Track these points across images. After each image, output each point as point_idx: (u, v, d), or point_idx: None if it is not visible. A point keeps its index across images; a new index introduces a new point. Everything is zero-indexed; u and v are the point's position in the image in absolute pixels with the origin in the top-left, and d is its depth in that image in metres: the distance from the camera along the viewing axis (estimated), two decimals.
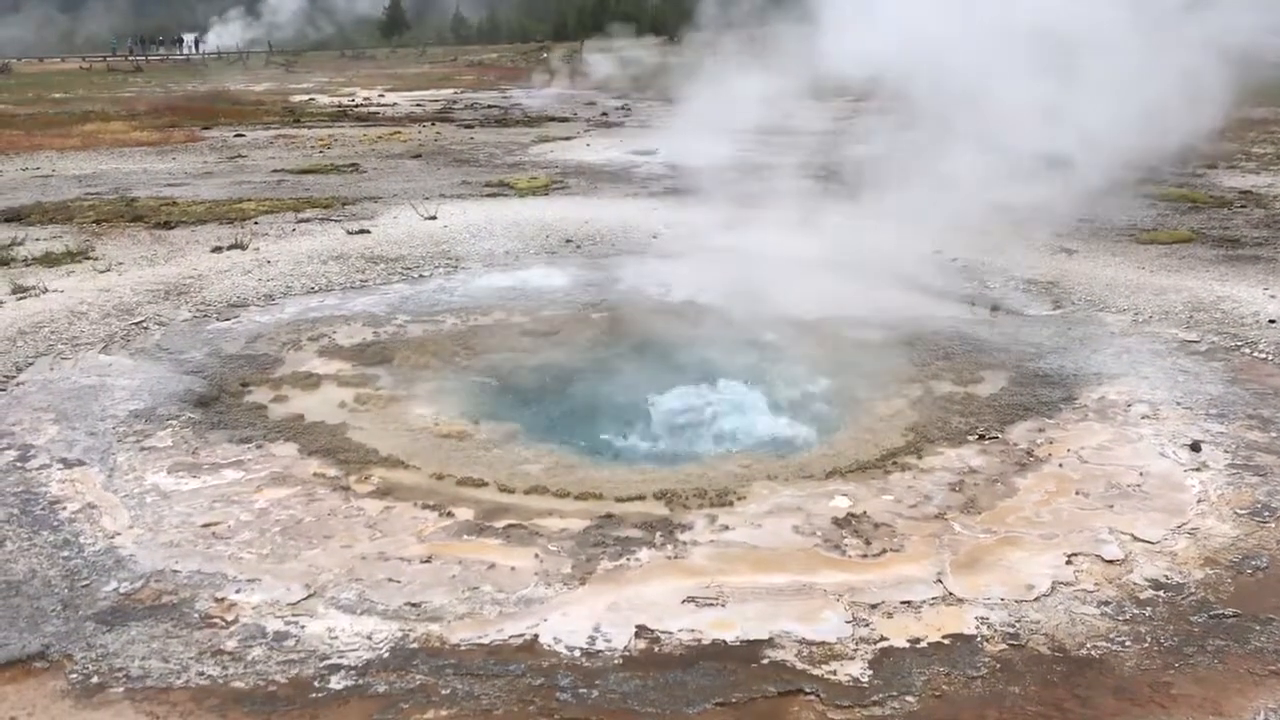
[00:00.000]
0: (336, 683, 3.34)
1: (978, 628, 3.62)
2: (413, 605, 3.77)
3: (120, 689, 3.31)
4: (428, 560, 4.10)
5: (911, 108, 8.91)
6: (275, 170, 15.30)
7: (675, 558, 4.12)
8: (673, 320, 7.42)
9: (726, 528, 4.36)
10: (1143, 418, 5.52)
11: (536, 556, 4.12)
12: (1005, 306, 7.74)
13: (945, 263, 8.78)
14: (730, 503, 4.60)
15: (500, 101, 29.44)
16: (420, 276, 8.76)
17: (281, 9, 79.56)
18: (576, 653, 3.49)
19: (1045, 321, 7.38)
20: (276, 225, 10.91)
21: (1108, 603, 3.78)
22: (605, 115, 24.59)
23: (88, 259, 9.24)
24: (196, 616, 3.71)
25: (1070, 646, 3.52)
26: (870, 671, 3.38)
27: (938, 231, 8.45)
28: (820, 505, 4.57)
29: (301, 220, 11.19)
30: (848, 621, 3.65)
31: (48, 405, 5.70)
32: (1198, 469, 4.90)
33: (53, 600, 3.80)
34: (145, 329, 7.19)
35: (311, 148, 18.23)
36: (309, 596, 3.83)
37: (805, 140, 14.63)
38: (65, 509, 4.52)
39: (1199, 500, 4.59)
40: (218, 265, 9.06)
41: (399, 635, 3.59)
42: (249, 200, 12.44)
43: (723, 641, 3.54)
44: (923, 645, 3.53)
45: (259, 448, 5.24)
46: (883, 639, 3.56)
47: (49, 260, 9.12)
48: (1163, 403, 5.71)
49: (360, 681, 3.35)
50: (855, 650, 3.49)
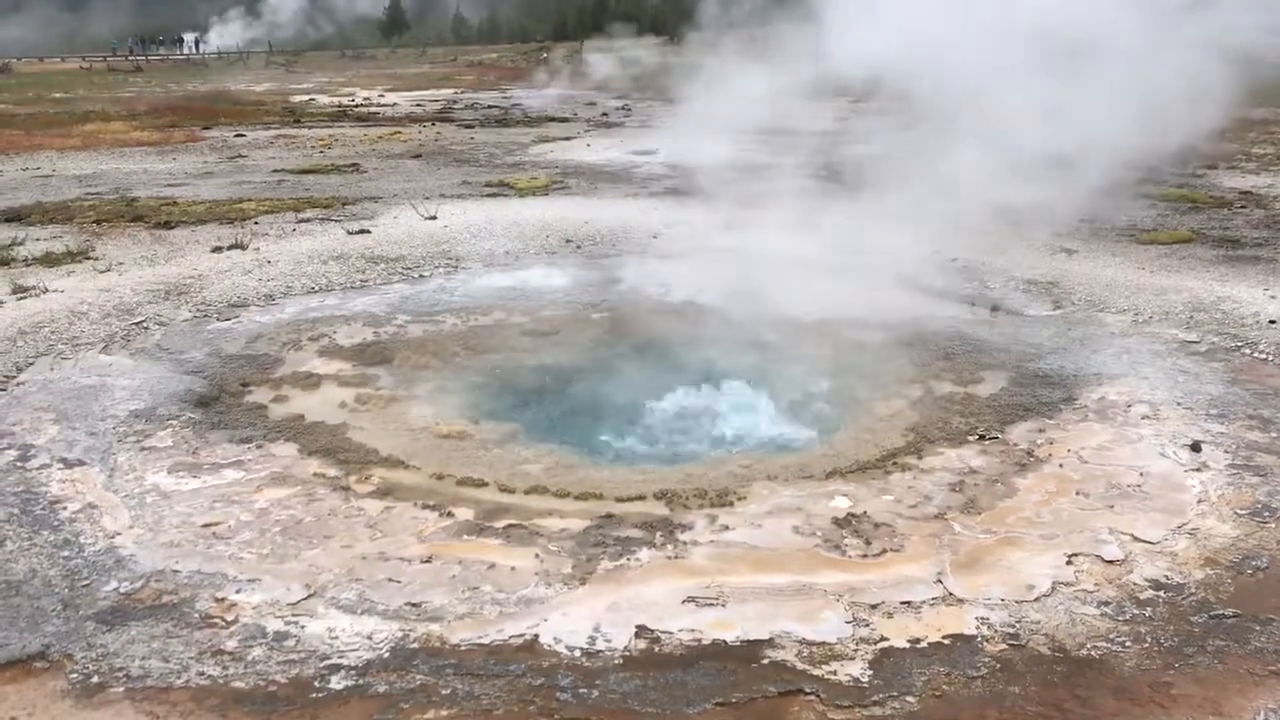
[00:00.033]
0: (337, 683, 3.34)
1: (978, 628, 3.62)
2: (413, 605, 3.77)
3: (120, 689, 3.31)
4: (428, 560, 4.10)
5: (911, 107, 8.91)
6: (275, 170, 15.30)
7: (675, 558, 4.12)
8: (673, 320, 7.41)
9: (727, 528, 4.37)
10: (1143, 418, 5.52)
11: (537, 556, 4.12)
12: (1005, 307, 7.74)
13: (945, 263, 8.78)
14: (730, 503, 4.60)
15: (500, 101, 29.45)
16: (420, 276, 8.76)
17: (282, 9, 79.64)
18: (577, 653, 3.49)
19: (1045, 322, 7.38)
20: (277, 225, 10.91)
21: (1108, 603, 3.78)
22: (605, 115, 24.59)
23: (88, 259, 9.24)
24: (197, 616, 3.71)
25: (1070, 647, 3.52)
26: (870, 671, 3.38)
27: (937, 231, 8.44)
28: (820, 505, 4.57)
29: (302, 220, 11.19)
30: (848, 622, 3.66)
31: (48, 405, 5.70)
32: (1198, 469, 4.90)
33: (53, 600, 3.81)
34: (145, 329, 7.19)
35: (312, 148, 18.24)
36: (309, 596, 3.83)
37: (805, 140, 14.61)
38: (65, 509, 4.52)
39: (1199, 500, 4.59)
40: (218, 265, 9.06)
41: (399, 635, 3.59)
42: (249, 200, 12.44)
43: (723, 641, 3.54)
44: (923, 645, 3.53)
45: (259, 448, 5.24)
46: (883, 639, 3.56)
47: (49, 260, 9.12)
48: (1163, 403, 5.71)
49: (360, 681, 3.35)
50: (855, 650, 3.49)
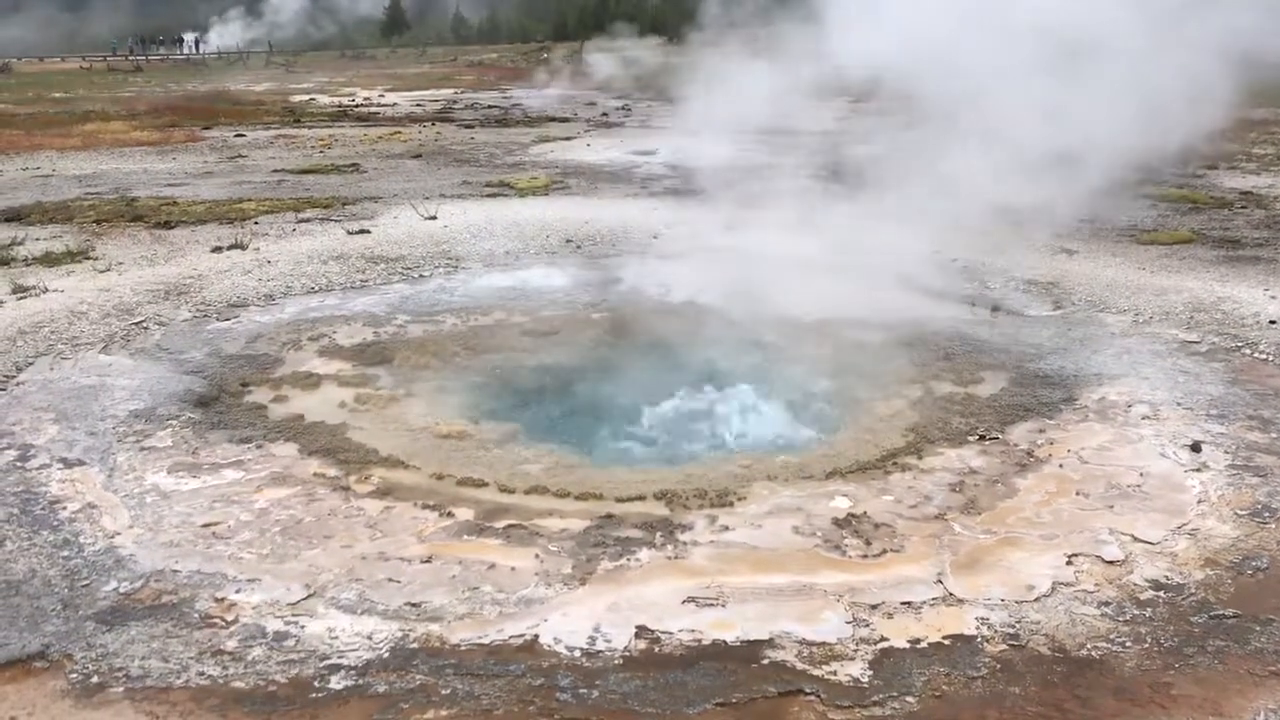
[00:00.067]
0: (336, 683, 3.34)
1: (978, 628, 3.62)
2: (413, 605, 3.77)
3: (120, 689, 3.31)
4: (428, 560, 4.10)
5: (911, 107, 8.91)
6: (275, 170, 15.30)
7: (675, 558, 4.12)
8: (673, 320, 7.41)
9: (727, 528, 4.36)
10: (1143, 418, 5.52)
11: (537, 557, 4.12)
12: (1006, 307, 7.74)
13: (945, 263, 8.78)
14: (730, 503, 4.60)
15: (500, 101, 29.46)
16: (420, 276, 8.76)
17: (283, 9, 79.67)
18: (576, 653, 3.49)
19: (1046, 322, 7.38)
20: (277, 225, 10.91)
21: (1108, 603, 3.78)
22: (605, 115, 24.60)
23: (88, 259, 9.24)
24: (196, 616, 3.71)
25: (1070, 647, 3.52)
26: (870, 672, 3.38)
27: (938, 232, 8.44)
28: (820, 506, 4.57)
29: (302, 220, 11.19)
30: (848, 622, 3.65)
31: (48, 405, 5.70)
32: (1198, 470, 4.90)
33: (53, 600, 3.80)
34: (145, 329, 7.19)
35: (312, 148, 18.24)
36: (309, 596, 3.83)
37: (806, 140, 14.63)
38: (65, 509, 4.52)
39: (1199, 501, 4.58)
40: (218, 265, 9.06)
41: (399, 635, 3.59)
42: (249, 200, 12.44)
43: (723, 642, 3.54)
44: (923, 646, 3.53)
45: (259, 448, 5.24)
46: (883, 639, 3.56)
47: (49, 260, 9.12)
48: (1163, 403, 5.71)
49: (360, 681, 3.35)
50: (855, 651, 3.49)
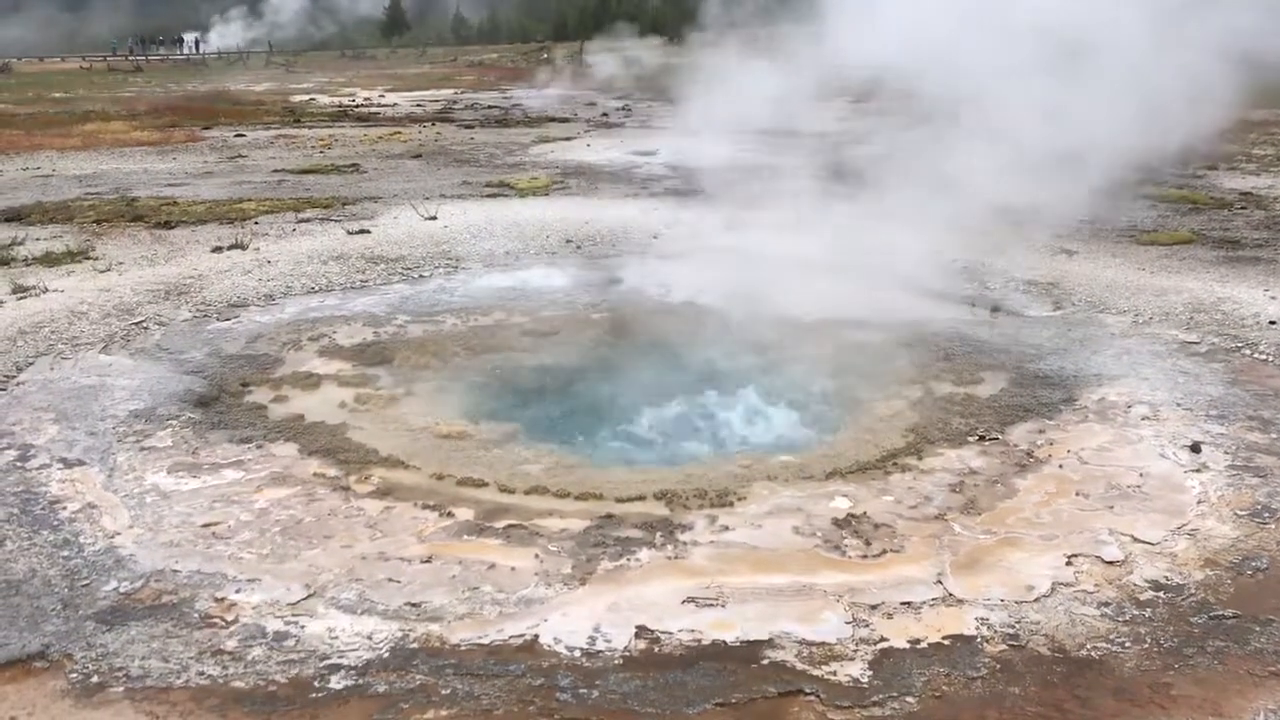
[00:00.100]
0: (336, 683, 3.34)
1: (978, 628, 3.62)
2: (413, 605, 3.77)
3: (120, 688, 3.31)
4: (428, 560, 4.10)
5: (911, 108, 8.92)
6: (275, 170, 15.30)
7: (675, 558, 4.12)
8: (673, 321, 7.41)
9: (727, 528, 4.36)
10: (1143, 419, 5.52)
11: (537, 557, 4.12)
12: (1005, 308, 7.74)
13: (945, 263, 8.77)
14: (730, 503, 4.60)
15: (500, 102, 29.46)
16: (420, 277, 8.76)
17: (284, 9, 79.69)
18: (576, 653, 3.49)
19: (1045, 323, 7.38)
20: (277, 225, 10.91)
21: (1108, 604, 3.78)
22: (606, 116, 24.60)
23: (88, 259, 9.24)
24: (196, 616, 3.71)
25: (1070, 647, 3.52)
26: (870, 672, 3.38)
27: (938, 232, 8.43)
28: (820, 506, 4.57)
29: (302, 220, 11.19)
30: (848, 622, 3.65)
31: (48, 405, 5.70)
32: (1198, 470, 4.90)
33: (53, 600, 3.80)
34: (145, 329, 7.19)
35: (312, 148, 18.24)
36: (309, 596, 3.83)
37: (806, 141, 14.62)
38: (65, 509, 4.52)
39: (1199, 501, 4.58)
40: (218, 265, 9.06)
41: (399, 635, 3.59)
42: (249, 200, 12.44)
43: (723, 642, 3.54)
44: (923, 646, 3.53)
45: (259, 448, 5.24)
46: (883, 640, 3.56)
47: (49, 260, 9.12)
48: (1163, 404, 5.71)
49: (360, 681, 3.35)
50: (855, 651, 3.49)
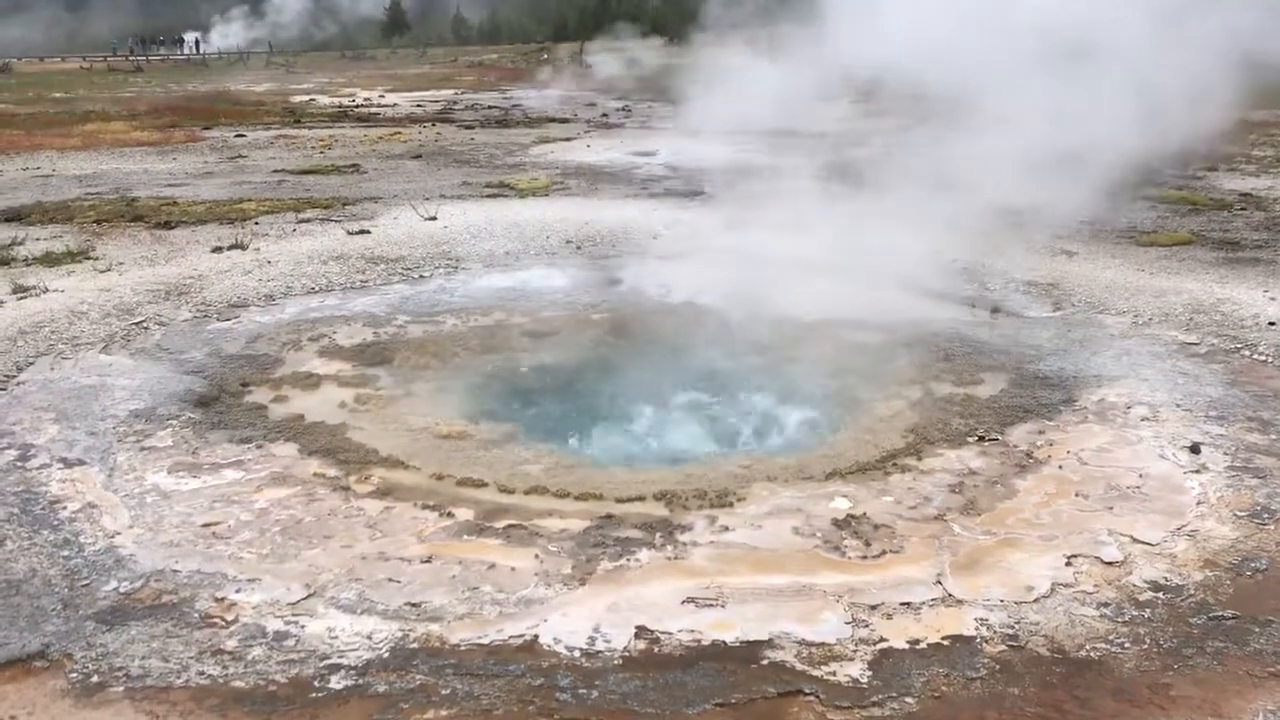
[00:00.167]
0: (336, 682, 3.34)
1: (977, 629, 3.62)
2: (413, 605, 3.77)
3: (120, 688, 3.31)
4: (428, 560, 4.10)
5: (912, 109, 8.93)
6: (276, 170, 15.30)
7: (675, 558, 4.12)
8: (673, 321, 7.42)
9: (726, 528, 4.37)
10: (1142, 420, 5.53)
11: (536, 557, 4.12)
12: (1005, 308, 7.75)
13: (945, 264, 8.77)
14: (730, 504, 4.60)
15: (501, 102, 29.45)
16: (420, 277, 8.77)
17: (285, 9, 79.68)
18: (576, 653, 3.49)
19: (1045, 323, 7.38)
20: (277, 225, 10.91)
21: (1107, 604, 3.78)
22: (606, 116, 24.60)
23: (88, 259, 9.24)
24: (196, 616, 3.71)
25: (1069, 648, 3.52)
26: (870, 672, 3.38)
27: (938, 233, 8.44)
28: (820, 506, 4.57)
29: (302, 220, 11.19)
30: (847, 623, 3.66)
31: (48, 405, 5.71)
32: (1197, 471, 4.90)
33: (53, 599, 3.81)
34: (145, 329, 7.20)
35: (312, 148, 18.24)
36: (309, 596, 3.84)
37: (805, 141, 14.63)
38: (65, 508, 4.52)
39: (1198, 502, 4.59)
40: (218, 265, 9.07)
41: (399, 635, 3.59)
42: (249, 200, 12.44)
43: (722, 642, 3.54)
44: (922, 646, 3.53)
45: (259, 448, 5.24)
46: (882, 640, 3.56)
47: (49, 260, 9.13)
48: (1162, 405, 5.72)
49: (360, 681, 3.35)
50: (855, 651, 3.50)
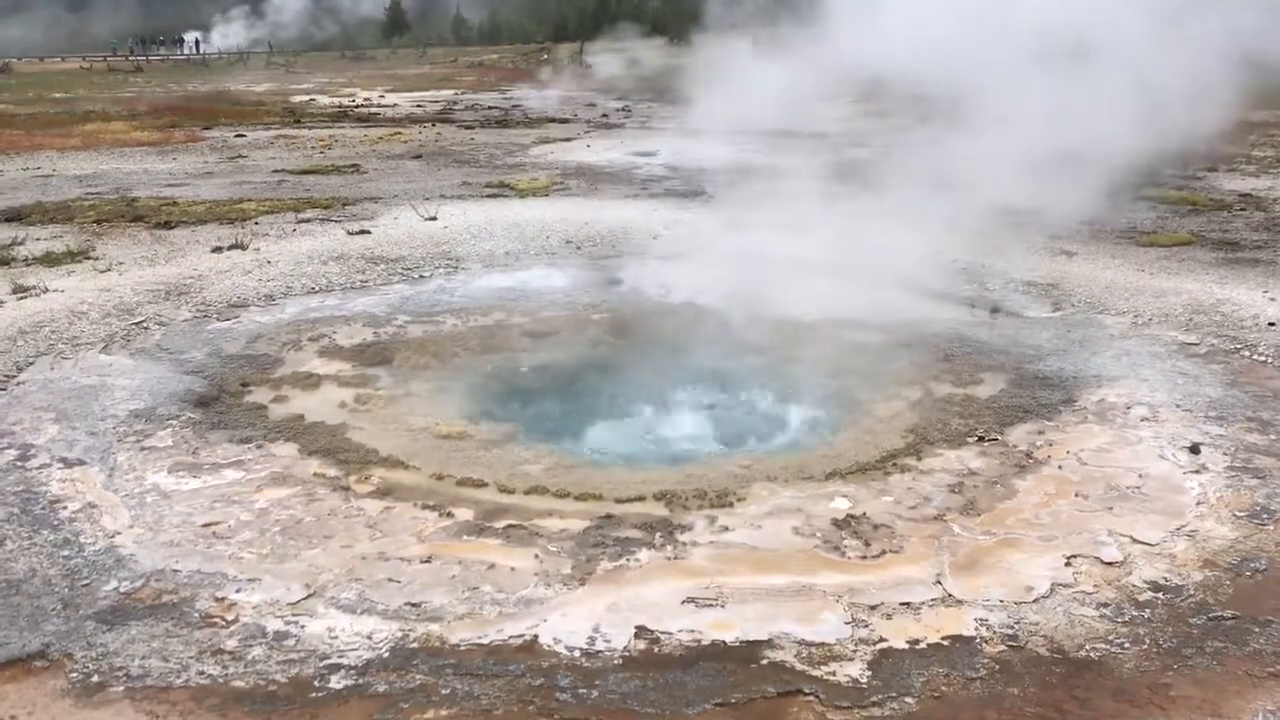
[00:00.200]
0: (336, 682, 3.34)
1: (977, 629, 3.63)
2: (413, 605, 3.77)
3: (120, 688, 3.31)
4: (428, 560, 4.10)
5: (912, 109, 8.93)
6: (276, 170, 15.31)
7: (675, 558, 4.13)
8: (673, 321, 7.42)
9: (726, 529, 4.37)
10: (1142, 420, 5.53)
11: (536, 557, 4.12)
12: (1005, 308, 7.75)
13: (945, 264, 8.77)
14: (730, 504, 4.60)
15: (501, 102, 29.46)
16: (420, 277, 8.77)
17: (286, 9, 79.64)
18: (576, 653, 3.50)
19: (1045, 324, 7.39)
20: (277, 225, 10.92)
21: (1107, 604, 3.78)
22: (606, 117, 24.60)
23: (88, 259, 9.24)
24: (197, 616, 3.71)
25: (1069, 648, 3.52)
26: (869, 672, 3.39)
27: (937, 233, 8.45)
28: (820, 506, 4.58)
29: (302, 220, 11.19)
30: (847, 623, 3.66)
31: (48, 405, 5.71)
32: (1197, 471, 4.90)
33: (53, 599, 3.81)
34: (145, 329, 7.20)
35: (312, 148, 18.24)
36: (309, 596, 3.84)
37: (806, 142, 14.63)
38: (65, 508, 4.52)
39: (1198, 503, 4.59)
40: (218, 265, 9.07)
41: (399, 635, 3.60)
42: (249, 200, 12.45)
43: (722, 642, 3.54)
44: (922, 646, 3.53)
45: (259, 448, 5.25)
46: (882, 640, 3.56)
47: (49, 260, 9.13)
48: (1162, 405, 5.72)
49: (360, 681, 3.35)
50: (854, 651, 3.50)
